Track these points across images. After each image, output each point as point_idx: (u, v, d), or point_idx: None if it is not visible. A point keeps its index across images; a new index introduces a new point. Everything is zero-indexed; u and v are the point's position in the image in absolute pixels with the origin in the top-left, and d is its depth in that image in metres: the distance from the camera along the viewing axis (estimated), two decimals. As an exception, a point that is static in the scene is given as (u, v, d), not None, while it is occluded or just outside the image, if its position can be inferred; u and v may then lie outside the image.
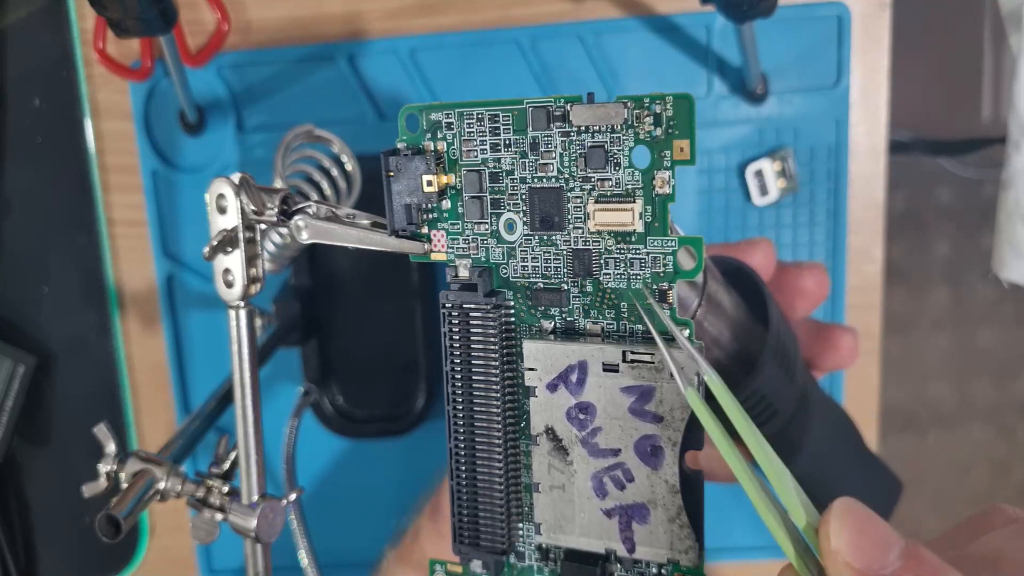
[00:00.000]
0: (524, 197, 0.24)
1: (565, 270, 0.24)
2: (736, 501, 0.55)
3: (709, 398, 0.22)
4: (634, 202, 0.22)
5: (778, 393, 0.33)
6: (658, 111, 0.22)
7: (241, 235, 0.27)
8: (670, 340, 0.23)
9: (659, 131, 0.22)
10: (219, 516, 0.31)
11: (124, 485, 0.32)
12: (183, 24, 0.52)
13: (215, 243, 0.27)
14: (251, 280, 0.28)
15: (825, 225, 0.52)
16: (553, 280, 0.24)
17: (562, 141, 0.23)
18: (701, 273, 0.28)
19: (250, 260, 0.28)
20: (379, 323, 0.53)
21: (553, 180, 0.23)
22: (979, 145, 0.91)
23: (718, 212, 0.52)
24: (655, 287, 0.23)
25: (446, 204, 0.24)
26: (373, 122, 0.53)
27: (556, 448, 0.24)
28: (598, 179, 0.23)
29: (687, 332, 0.23)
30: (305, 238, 0.26)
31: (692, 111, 0.21)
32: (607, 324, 0.23)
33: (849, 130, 0.51)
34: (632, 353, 0.22)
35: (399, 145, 0.24)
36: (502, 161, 0.24)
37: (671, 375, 0.22)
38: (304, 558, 0.39)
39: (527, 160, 0.23)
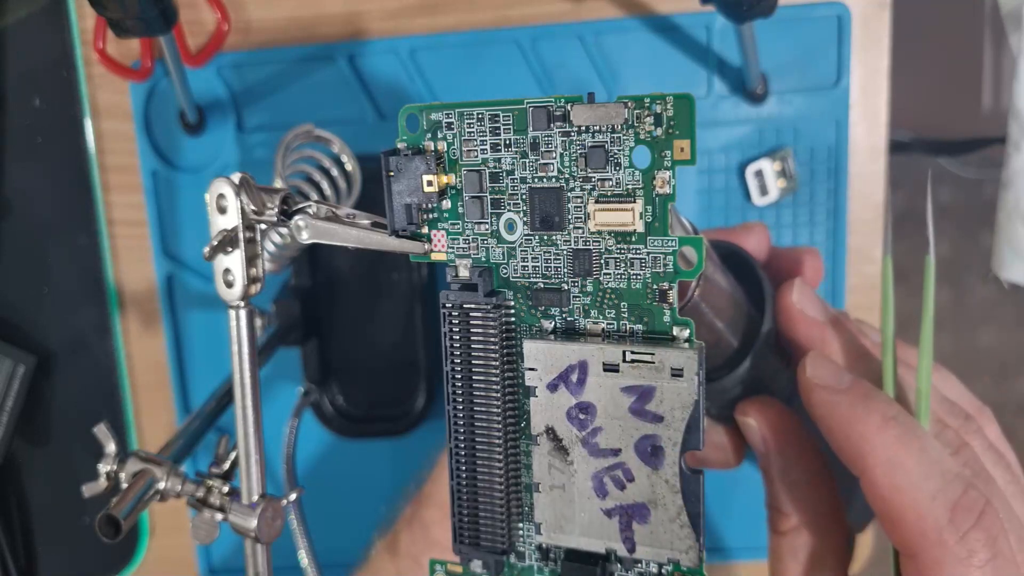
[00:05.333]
0: (524, 197, 0.24)
1: (565, 270, 0.24)
2: (736, 501, 0.55)
3: None
4: (634, 202, 0.22)
5: (773, 376, 0.33)
6: (658, 111, 0.22)
7: (241, 235, 0.27)
8: (666, 340, 0.23)
9: (659, 131, 0.22)
10: (219, 516, 0.31)
11: (124, 485, 0.32)
12: (183, 24, 0.52)
13: (215, 243, 0.27)
14: (251, 280, 0.28)
15: (825, 225, 0.52)
16: (553, 280, 0.24)
17: (562, 141, 0.23)
18: None
19: (250, 260, 0.28)
20: (379, 323, 0.53)
21: (553, 180, 0.23)
22: (979, 145, 0.91)
23: (718, 212, 0.52)
24: (655, 287, 0.23)
25: (446, 204, 0.24)
26: (373, 122, 0.53)
27: (556, 448, 0.24)
28: (598, 179, 0.23)
29: (687, 332, 0.23)
30: (305, 238, 0.26)
31: (692, 111, 0.21)
32: (607, 324, 0.23)
33: (849, 130, 0.51)
34: (632, 353, 0.22)
35: (399, 145, 0.24)
36: (502, 161, 0.24)
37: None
38: (304, 558, 0.39)
39: (527, 160, 0.23)
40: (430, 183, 0.24)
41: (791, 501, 0.30)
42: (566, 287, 0.24)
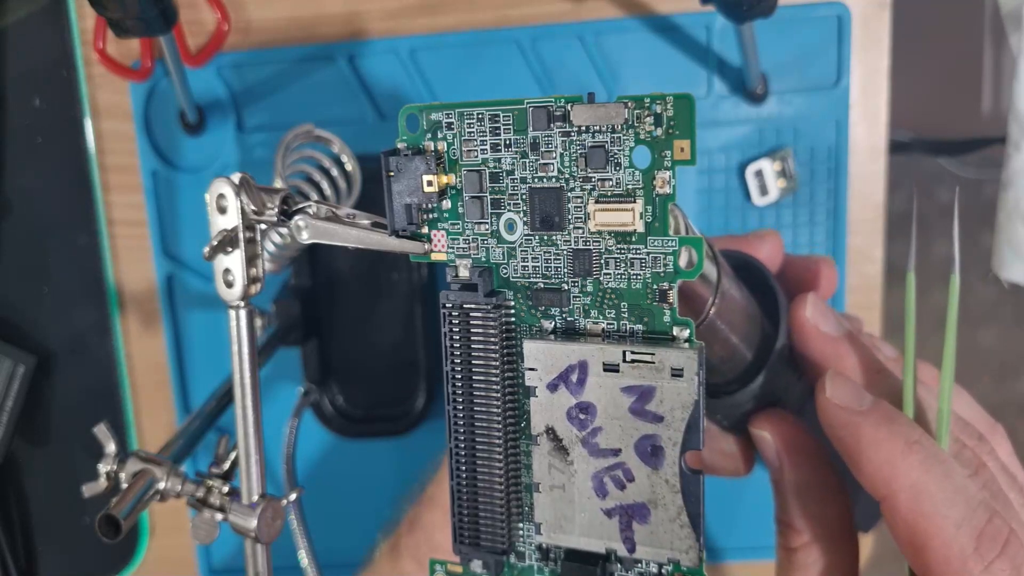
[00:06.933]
0: (524, 197, 0.24)
1: (565, 270, 0.24)
2: (736, 501, 0.55)
3: None
4: (635, 202, 0.22)
5: (786, 389, 0.33)
6: (658, 111, 0.22)
7: (241, 235, 0.27)
8: (667, 340, 0.23)
9: (659, 131, 0.22)
10: (219, 516, 0.31)
11: (124, 485, 0.32)
12: (183, 24, 0.52)
13: (215, 243, 0.27)
14: (251, 280, 0.28)
15: (825, 225, 0.52)
16: (553, 280, 0.24)
17: (562, 141, 0.23)
18: (715, 269, 0.28)
19: (250, 260, 0.28)
20: (379, 323, 0.53)
21: (553, 180, 0.23)
22: (979, 145, 0.91)
23: (718, 212, 0.52)
24: (655, 287, 0.23)
25: (446, 204, 0.24)
26: (373, 122, 0.53)
27: (556, 448, 0.24)
28: (598, 179, 0.23)
29: (687, 332, 0.23)
30: (305, 238, 0.26)
31: (692, 111, 0.21)
32: (607, 324, 0.23)
33: (849, 130, 0.51)
34: (632, 353, 0.22)
35: (399, 145, 0.24)
36: (502, 161, 0.24)
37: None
38: (304, 558, 0.39)
39: (527, 160, 0.23)
40: (430, 183, 0.24)
41: (803, 517, 0.29)
42: (566, 287, 0.24)
